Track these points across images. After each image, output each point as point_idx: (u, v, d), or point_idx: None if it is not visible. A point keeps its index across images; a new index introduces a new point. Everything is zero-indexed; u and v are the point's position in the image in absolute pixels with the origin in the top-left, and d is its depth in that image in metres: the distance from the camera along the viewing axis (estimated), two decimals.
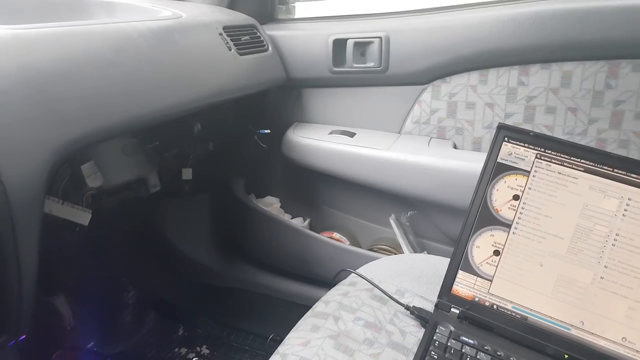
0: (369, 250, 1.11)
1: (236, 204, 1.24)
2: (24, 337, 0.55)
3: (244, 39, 1.05)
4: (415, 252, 1.07)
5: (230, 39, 1.01)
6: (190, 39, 0.93)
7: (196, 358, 1.19)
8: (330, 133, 1.11)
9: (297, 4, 1.36)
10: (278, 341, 0.62)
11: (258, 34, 1.12)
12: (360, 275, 0.72)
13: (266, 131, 1.15)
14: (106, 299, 1.23)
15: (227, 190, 1.27)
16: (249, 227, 1.24)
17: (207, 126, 1.09)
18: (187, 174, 1.19)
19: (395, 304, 0.66)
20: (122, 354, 1.14)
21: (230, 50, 0.99)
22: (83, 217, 0.81)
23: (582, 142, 0.88)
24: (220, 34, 1.00)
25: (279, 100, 1.19)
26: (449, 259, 0.64)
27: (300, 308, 0.71)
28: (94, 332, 1.09)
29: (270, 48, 1.11)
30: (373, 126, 1.11)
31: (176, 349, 1.21)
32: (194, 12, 1.01)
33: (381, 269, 0.77)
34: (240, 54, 1.01)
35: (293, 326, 0.64)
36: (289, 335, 0.62)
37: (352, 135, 1.09)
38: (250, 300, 1.28)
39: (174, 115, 0.84)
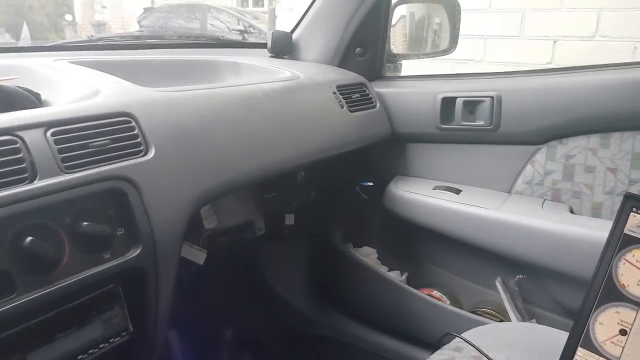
0: (471, 312, 1.06)
1: (334, 251, 1.26)
2: None
3: (354, 97, 1.11)
4: (524, 319, 1.00)
5: (343, 97, 1.07)
6: (307, 97, 1.00)
7: None
8: (435, 188, 1.11)
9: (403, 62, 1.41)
10: None
11: (367, 91, 1.17)
12: (468, 342, 0.70)
13: (369, 183, 1.18)
14: (206, 334, 1.30)
15: (325, 238, 1.30)
16: (345, 276, 1.26)
17: (311, 175, 1.15)
18: (289, 219, 1.25)
19: None
20: None
21: (342, 107, 1.05)
22: (200, 256, 0.89)
23: None
24: (334, 93, 1.06)
25: (383, 153, 1.22)
26: (563, 332, 0.61)
27: None
28: None
29: (378, 104, 1.16)
30: (480, 184, 1.09)
31: None
32: (309, 72, 1.09)
33: (489, 336, 0.74)
34: (351, 111, 1.07)
35: None
36: None
37: (457, 192, 1.09)
38: (342, 351, 1.28)
39: (292, 168, 0.91)
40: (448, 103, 1.10)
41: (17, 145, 0.53)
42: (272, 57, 1.30)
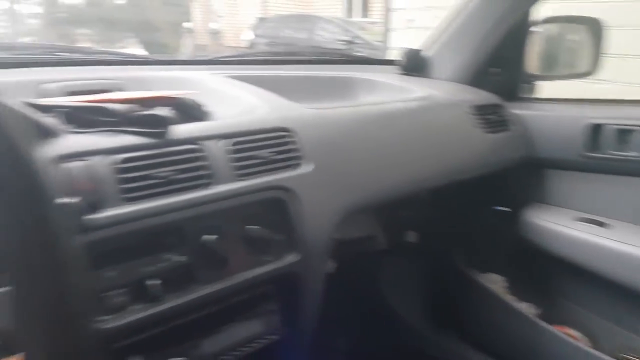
0: (613, 357, 0.97)
1: (456, 274, 1.23)
2: None
3: (490, 118, 1.08)
4: None
5: (478, 118, 1.05)
6: (442, 117, 1.00)
7: None
8: (578, 220, 1.04)
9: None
10: None
11: (503, 112, 1.13)
12: None
13: (504, 209, 1.14)
14: (322, 343, 1.32)
15: (447, 259, 1.27)
16: (466, 300, 1.22)
17: (439, 194, 1.13)
18: (412, 236, 1.24)
19: None
20: None
21: (478, 128, 1.03)
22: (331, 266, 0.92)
23: None
24: (470, 113, 1.04)
25: (519, 178, 1.17)
26: None
27: None
28: None
29: (514, 127, 1.11)
30: (629, 219, 1.00)
31: None
32: (443, 91, 1.09)
33: None
34: (486, 132, 1.04)
35: None
36: None
37: (602, 224, 1.00)
38: None
39: (424, 188, 0.91)
40: (597, 130, 1.02)
41: (201, 154, 0.60)
42: (403, 74, 1.31)
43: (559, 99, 1.19)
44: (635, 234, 0.96)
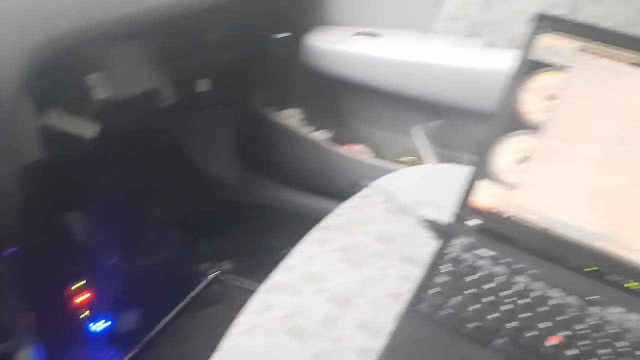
0: (393, 162, 1.05)
1: (255, 117, 1.19)
2: (15, 249, 0.54)
3: None
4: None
5: None
6: None
7: (219, 272, 1.21)
8: (354, 35, 1.02)
9: None
10: None
11: None
12: (376, 187, 0.68)
13: (281, 35, 1.07)
14: (128, 215, 1.25)
15: (247, 103, 1.22)
16: (268, 142, 1.20)
17: (224, 33, 1.02)
18: (202, 85, 1.14)
19: (411, 216, 0.62)
20: (144, 269, 1.17)
21: None
22: (88, 129, 0.79)
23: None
24: None
25: (298, 1, 1.09)
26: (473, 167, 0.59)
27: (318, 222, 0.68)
28: (115, 249, 1.11)
29: None
30: (401, 24, 1.00)
31: (199, 264, 1.23)
32: None
33: (399, 180, 0.72)
34: None
35: None
36: (294, 249, 0.59)
37: (377, 36, 1.00)
38: (272, 216, 1.28)
39: (169, 14, 0.76)
40: None
41: None
42: None
43: None
44: (402, 39, 0.97)
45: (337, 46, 1.01)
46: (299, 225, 0.67)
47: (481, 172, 0.58)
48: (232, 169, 1.29)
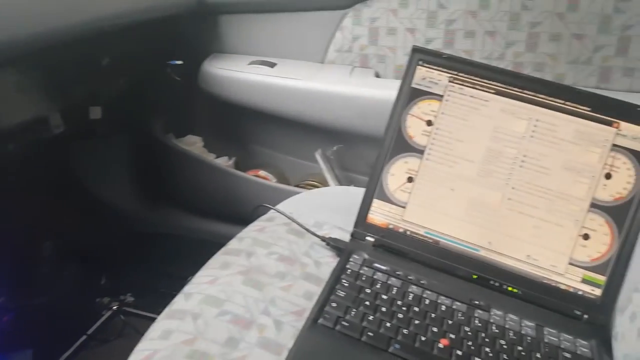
0: (296, 186, 1.08)
1: (154, 144, 1.16)
2: None
3: None
4: (342, 185, 1.06)
5: None
6: None
7: (119, 306, 1.15)
8: (250, 64, 1.04)
9: None
10: None
11: None
12: (278, 210, 0.70)
13: (177, 62, 1.07)
14: (18, 251, 1.15)
15: (145, 131, 1.19)
16: (169, 169, 1.18)
17: (116, 60, 0.99)
18: (95, 112, 1.09)
19: (312, 236, 0.65)
20: (39, 306, 1.08)
21: None
22: None
23: (500, 67, 0.88)
24: None
25: (193, 28, 1.10)
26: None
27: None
28: (4, 286, 1.01)
29: None
30: (295, 55, 1.05)
31: (98, 299, 1.16)
32: None
33: (301, 203, 0.75)
34: None
35: None
36: (197, 274, 0.59)
37: (272, 65, 1.03)
38: (177, 245, 1.24)
39: (58, 39, 0.73)
40: None
41: None
42: None
43: None
44: (297, 68, 1.02)
45: (233, 73, 1.03)
46: (203, 252, 0.67)
47: (375, 192, 0.62)
48: (131, 198, 1.24)
